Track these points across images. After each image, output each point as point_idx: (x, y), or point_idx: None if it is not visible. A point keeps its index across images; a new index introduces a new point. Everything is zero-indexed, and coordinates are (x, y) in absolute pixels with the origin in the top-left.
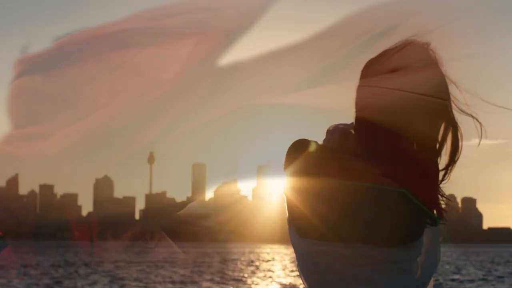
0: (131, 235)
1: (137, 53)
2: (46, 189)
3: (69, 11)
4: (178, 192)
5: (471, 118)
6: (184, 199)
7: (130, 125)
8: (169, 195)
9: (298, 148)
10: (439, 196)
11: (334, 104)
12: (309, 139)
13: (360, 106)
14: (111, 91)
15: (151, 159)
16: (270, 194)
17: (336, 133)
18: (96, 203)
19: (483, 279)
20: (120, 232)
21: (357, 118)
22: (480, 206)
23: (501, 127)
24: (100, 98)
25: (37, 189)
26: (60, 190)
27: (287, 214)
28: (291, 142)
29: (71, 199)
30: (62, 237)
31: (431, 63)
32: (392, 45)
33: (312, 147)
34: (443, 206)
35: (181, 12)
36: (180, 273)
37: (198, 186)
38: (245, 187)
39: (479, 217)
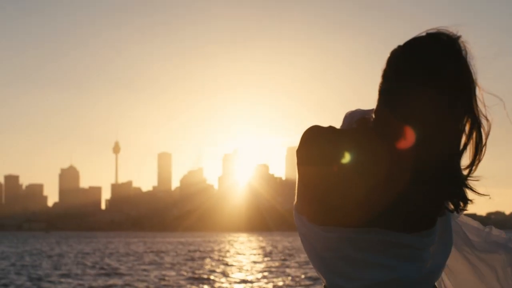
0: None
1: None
2: (12, 180)
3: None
4: (144, 182)
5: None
6: (150, 188)
7: (95, 116)
8: (135, 184)
9: (314, 133)
10: (465, 182)
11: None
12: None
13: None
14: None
15: (116, 149)
16: (236, 182)
17: (355, 117)
18: (61, 193)
19: None
20: (85, 222)
21: (377, 110)
22: None
23: None
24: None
25: (2, 180)
26: (25, 180)
27: (296, 201)
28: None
29: (36, 190)
30: (29, 228)
31: (460, 56)
32: (420, 33)
33: (329, 133)
34: (469, 195)
35: None
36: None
37: (164, 176)
38: (211, 176)
39: None
